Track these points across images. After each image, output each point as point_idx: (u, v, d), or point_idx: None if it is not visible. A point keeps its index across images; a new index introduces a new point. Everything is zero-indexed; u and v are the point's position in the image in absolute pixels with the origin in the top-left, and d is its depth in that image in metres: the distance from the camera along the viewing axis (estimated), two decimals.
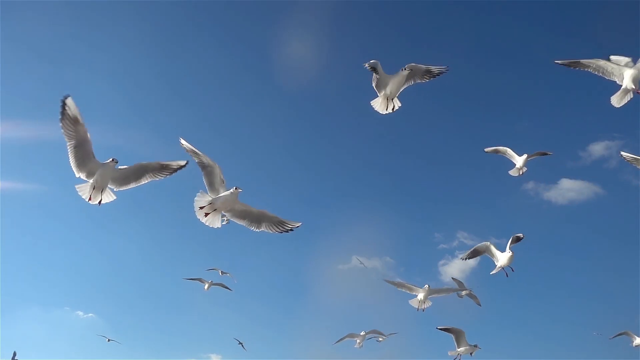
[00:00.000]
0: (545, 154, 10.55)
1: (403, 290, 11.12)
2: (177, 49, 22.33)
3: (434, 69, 7.69)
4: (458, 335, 11.26)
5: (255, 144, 22.26)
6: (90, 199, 6.83)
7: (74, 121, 6.15)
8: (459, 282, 13.03)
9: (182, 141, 6.68)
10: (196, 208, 6.80)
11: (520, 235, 9.80)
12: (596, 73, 7.98)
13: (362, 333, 14.14)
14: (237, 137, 22.81)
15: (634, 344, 12.26)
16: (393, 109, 8.00)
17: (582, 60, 7.88)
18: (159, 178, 6.86)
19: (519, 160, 10.31)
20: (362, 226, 17.25)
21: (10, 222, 19.70)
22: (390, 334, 14.79)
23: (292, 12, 20.41)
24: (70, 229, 22.12)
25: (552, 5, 21.14)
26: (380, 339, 14.76)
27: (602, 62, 7.80)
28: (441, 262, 19.39)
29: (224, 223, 14.86)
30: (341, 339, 14.19)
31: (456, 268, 19.18)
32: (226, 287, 15.84)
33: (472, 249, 10.12)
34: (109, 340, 17.08)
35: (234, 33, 22.52)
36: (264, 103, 22.89)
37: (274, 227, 6.76)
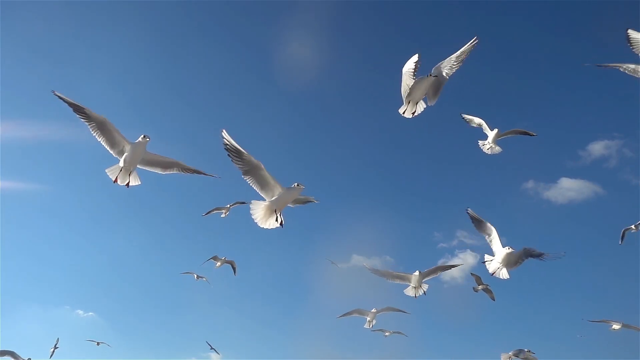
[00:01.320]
0: (525, 133, 9.77)
1: (394, 280, 10.51)
2: (177, 49, 22.33)
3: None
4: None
5: (255, 143, 22.21)
6: (116, 180, 6.87)
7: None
8: (477, 277, 13.04)
9: (225, 135, 6.24)
10: (260, 220, 6.75)
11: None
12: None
13: (374, 310, 12.86)
14: (237, 137, 22.68)
15: (612, 327, 12.18)
16: (414, 113, 7.69)
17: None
18: (183, 173, 6.98)
19: (490, 135, 9.77)
20: (361, 225, 17.26)
21: (11, 221, 19.71)
22: (397, 332, 14.63)
23: (292, 12, 20.42)
24: (71, 228, 22.16)
25: (552, 5, 21.14)
26: (386, 334, 14.62)
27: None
28: (441, 261, 19.33)
29: (222, 216, 14.88)
30: (347, 314, 13.12)
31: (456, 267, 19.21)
32: (234, 269, 15.45)
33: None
34: (98, 344, 16.94)
35: (234, 33, 22.52)
36: (264, 103, 22.90)
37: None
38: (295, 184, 6.60)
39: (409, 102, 7.66)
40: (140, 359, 18.33)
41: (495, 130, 9.66)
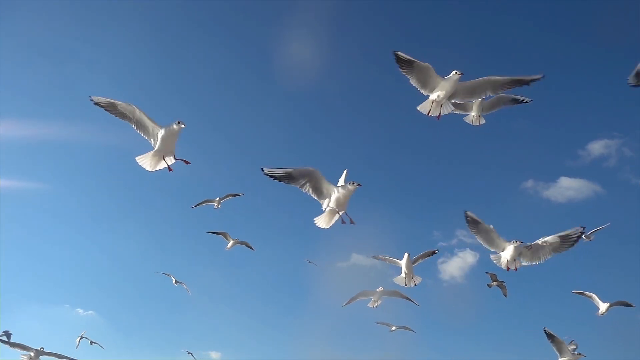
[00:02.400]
0: (515, 100, 9.16)
1: (388, 262, 10.59)
2: (178, 49, 22.34)
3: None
4: (560, 345, 10.65)
5: (256, 143, 22.28)
6: (170, 168, 7.10)
7: None
8: (492, 275, 13.13)
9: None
10: (325, 225, 6.89)
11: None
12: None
13: (380, 289, 12.23)
14: (238, 136, 22.84)
15: (600, 312, 12.04)
16: (439, 115, 7.65)
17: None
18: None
19: (473, 108, 9.27)
20: (361, 224, 17.25)
21: (11, 220, 19.72)
22: (403, 327, 14.49)
23: (292, 12, 20.43)
24: (71, 227, 22.19)
25: (552, 5, 21.16)
26: (392, 328, 14.58)
27: None
28: (440, 260, 19.42)
29: (214, 208, 14.80)
30: (352, 299, 12.44)
31: (455, 266, 19.29)
32: (250, 247, 15.39)
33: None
34: (92, 343, 16.88)
35: (234, 33, 22.53)
36: (264, 103, 22.90)
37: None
38: (350, 182, 6.67)
39: (434, 102, 7.54)
40: (140, 358, 18.41)
41: (478, 100, 9.16)
